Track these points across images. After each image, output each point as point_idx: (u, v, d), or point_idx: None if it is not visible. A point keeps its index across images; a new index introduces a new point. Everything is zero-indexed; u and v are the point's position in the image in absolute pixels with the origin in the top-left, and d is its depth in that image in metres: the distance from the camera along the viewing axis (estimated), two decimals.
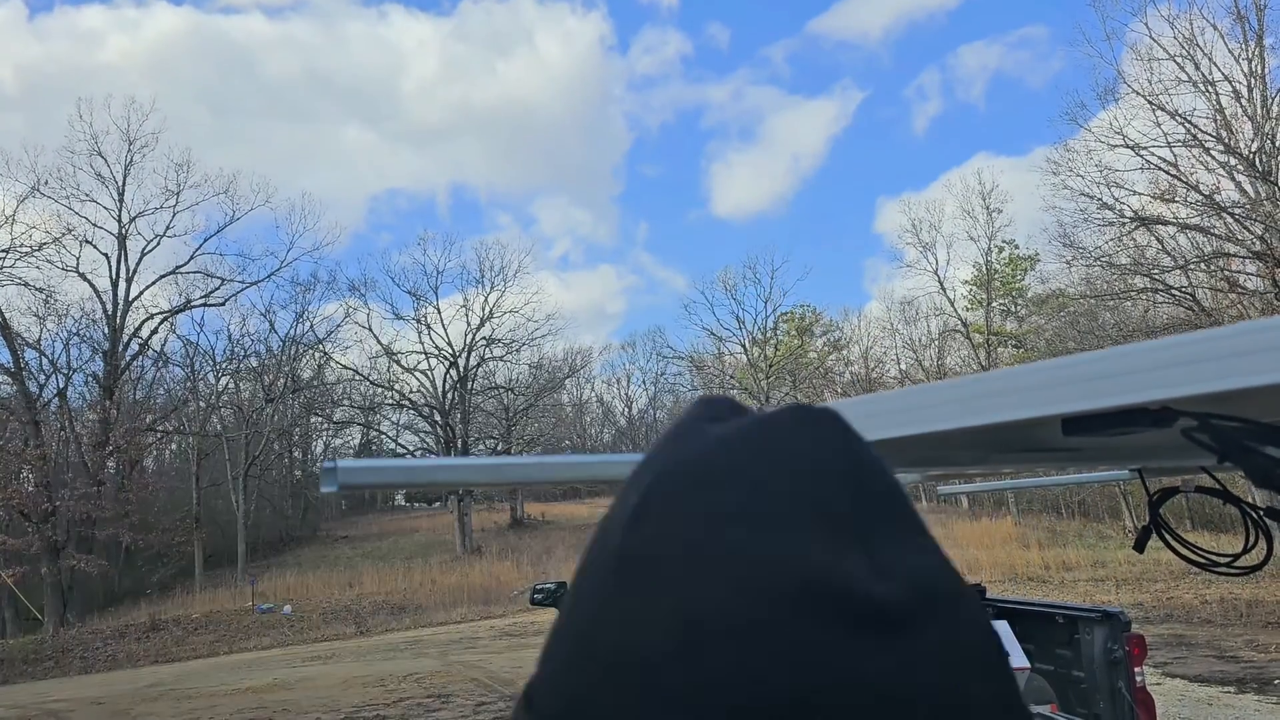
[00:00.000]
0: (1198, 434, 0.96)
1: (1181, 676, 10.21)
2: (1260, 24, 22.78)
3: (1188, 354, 0.78)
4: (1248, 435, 0.89)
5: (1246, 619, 14.06)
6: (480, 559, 32.56)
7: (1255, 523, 1.67)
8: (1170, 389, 0.80)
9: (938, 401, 1.01)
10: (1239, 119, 22.86)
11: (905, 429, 1.04)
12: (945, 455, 1.24)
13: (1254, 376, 0.75)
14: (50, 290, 32.78)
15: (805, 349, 52.77)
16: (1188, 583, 17.87)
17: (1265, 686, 9.47)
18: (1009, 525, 31.76)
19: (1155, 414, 0.99)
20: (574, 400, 61.98)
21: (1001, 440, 1.18)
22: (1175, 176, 23.55)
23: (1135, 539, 1.84)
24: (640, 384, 64.40)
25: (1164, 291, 23.47)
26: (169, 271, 36.85)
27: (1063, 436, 1.12)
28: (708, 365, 53.53)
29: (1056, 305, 33.78)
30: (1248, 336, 0.77)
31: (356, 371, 43.12)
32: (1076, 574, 21.53)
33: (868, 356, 52.61)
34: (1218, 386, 0.78)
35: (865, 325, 54.62)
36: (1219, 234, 22.68)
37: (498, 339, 42.77)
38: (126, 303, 35.32)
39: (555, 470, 1.30)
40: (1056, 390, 0.88)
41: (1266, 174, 21.43)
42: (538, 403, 46.85)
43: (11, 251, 30.59)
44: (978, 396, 0.97)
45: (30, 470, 30.00)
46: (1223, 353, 0.77)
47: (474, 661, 14.84)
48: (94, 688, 15.46)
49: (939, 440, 1.11)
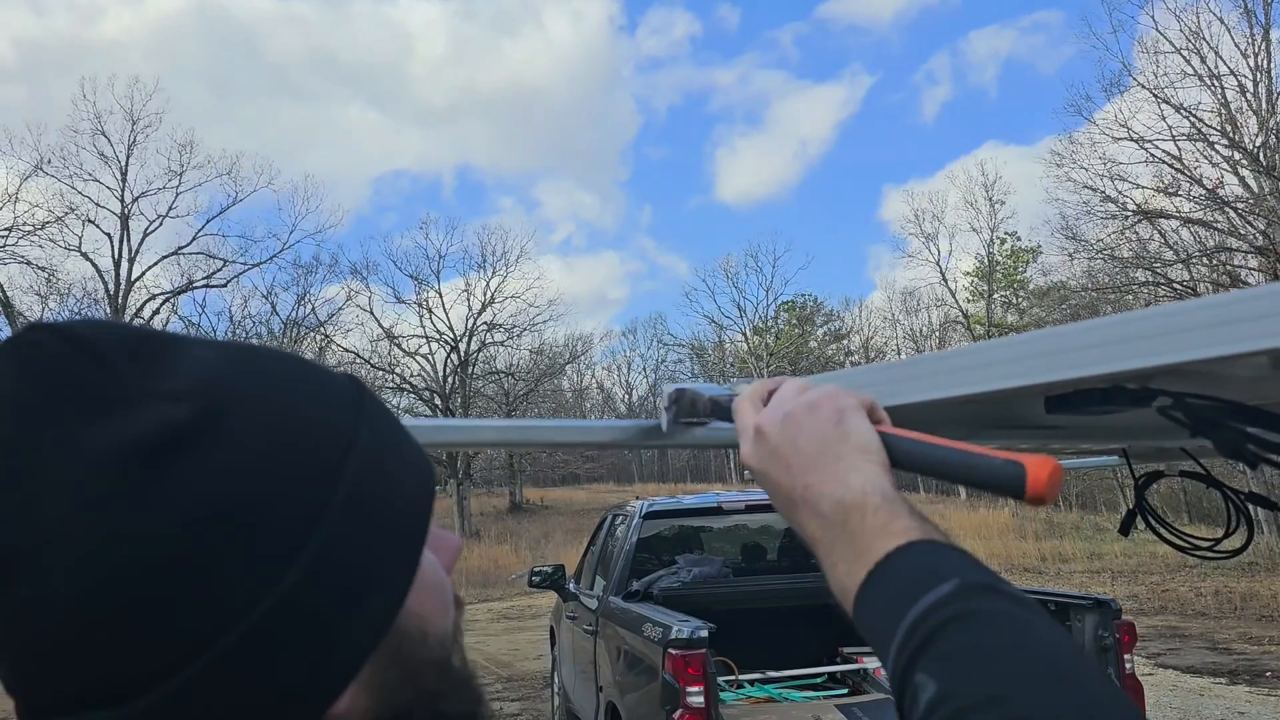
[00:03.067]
0: (1172, 411, 0.99)
1: (1174, 667, 10.26)
2: (1267, 18, 22.69)
3: (1158, 326, 0.80)
4: (1217, 412, 0.92)
5: (1240, 612, 14.12)
6: (479, 543, 32.64)
7: (1237, 507, 1.69)
8: (1144, 359, 0.83)
9: (921, 374, 1.04)
10: (1244, 113, 22.80)
11: (890, 399, 1.07)
12: (929, 431, 1.26)
13: (1223, 346, 0.77)
14: (52, 269, 32.81)
15: (806, 338, 52.76)
16: (1183, 575, 17.93)
17: (1257, 678, 9.53)
18: (1006, 516, 31.80)
19: (1134, 393, 1.02)
20: (574, 386, 62.09)
21: (986, 415, 1.21)
22: (1179, 170, 23.50)
23: (1120, 522, 1.87)
24: (640, 371, 64.55)
25: (1166, 285, 23.45)
26: (171, 252, 36.82)
27: (1046, 415, 1.15)
28: (708, 353, 53.55)
29: (1058, 298, 33.77)
30: (1217, 309, 0.80)
31: (357, 355, 43.08)
32: (1073, 565, 21.59)
33: (868, 346, 52.62)
34: (1189, 356, 0.80)
35: (866, 315, 54.67)
36: (1221, 228, 22.66)
37: (499, 324, 42.81)
38: (129, 283, 35.31)
39: (548, 434, 1.33)
40: (1035, 362, 0.91)
41: (1270, 169, 21.37)
42: (538, 388, 46.91)
43: (14, 230, 30.59)
44: (960, 369, 0.99)
45: None
46: (1193, 324, 0.80)
47: (472, 644, 14.84)
48: None
49: (923, 414, 1.14)
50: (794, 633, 5.77)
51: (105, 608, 0.42)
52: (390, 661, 0.49)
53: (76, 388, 0.44)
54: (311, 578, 0.45)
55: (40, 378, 0.44)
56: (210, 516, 0.43)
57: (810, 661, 5.67)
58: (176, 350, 0.48)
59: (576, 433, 1.28)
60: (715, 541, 7.22)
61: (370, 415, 0.51)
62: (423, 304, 42.00)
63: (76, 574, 0.41)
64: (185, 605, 0.42)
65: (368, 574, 0.48)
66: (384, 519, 0.49)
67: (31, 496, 0.42)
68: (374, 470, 0.49)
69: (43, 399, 0.44)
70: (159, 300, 36.70)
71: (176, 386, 0.45)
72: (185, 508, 0.43)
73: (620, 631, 5.33)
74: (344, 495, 0.47)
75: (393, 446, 0.52)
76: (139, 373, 0.45)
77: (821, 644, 5.75)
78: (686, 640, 4.23)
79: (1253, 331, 0.75)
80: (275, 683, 0.45)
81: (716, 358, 53.66)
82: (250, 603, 0.43)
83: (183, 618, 0.42)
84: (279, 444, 0.46)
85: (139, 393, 0.44)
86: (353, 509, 0.47)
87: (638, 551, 6.28)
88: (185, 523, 0.42)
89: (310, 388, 0.50)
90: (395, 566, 0.50)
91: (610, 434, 1.27)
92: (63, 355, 0.45)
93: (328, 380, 0.52)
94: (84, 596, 0.42)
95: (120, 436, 0.43)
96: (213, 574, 0.43)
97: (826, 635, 5.71)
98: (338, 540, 0.46)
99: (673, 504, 7.06)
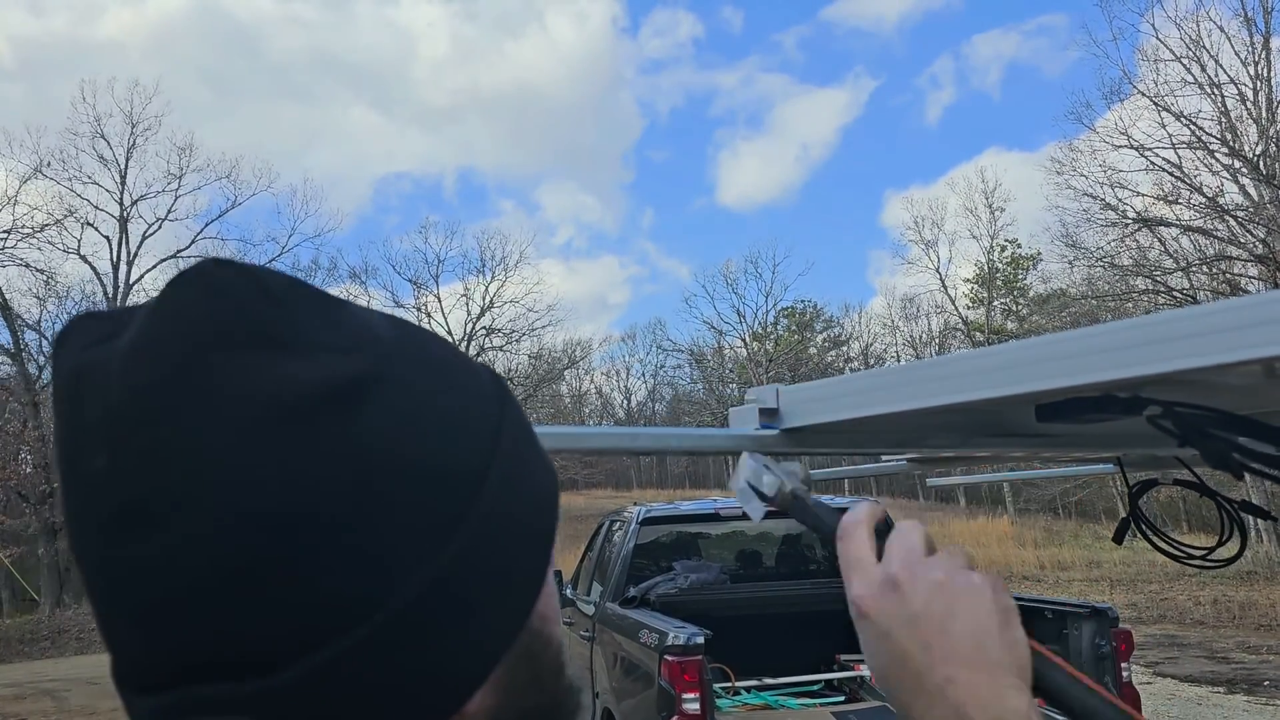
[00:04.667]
0: (1161, 420, 0.99)
1: (1173, 676, 10.25)
2: (1267, 27, 22.72)
3: (1148, 335, 0.80)
4: (1206, 421, 0.92)
5: (1239, 621, 14.10)
6: None
7: (1231, 516, 1.69)
8: (1133, 368, 0.83)
9: (913, 381, 1.04)
10: (1244, 122, 22.82)
11: (886, 407, 1.07)
12: (925, 437, 1.26)
13: (1211, 356, 0.77)
14: (51, 272, 32.73)
15: (805, 344, 52.77)
16: (1182, 584, 17.91)
17: (1255, 687, 9.51)
18: (1005, 524, 31.80)
19: (1125, 401, 1.02)
20: (573, 391, 62.05)
21: (978, 422, 1.21)
22: (1179, 178, 23.51)
23: (1114, 530, 1.87)
24: (639, 376, 64.47)
25: (1165, 293, 23.45)
26: (170, 255, 36.74)
27: (1037, 423, 1.15)
28: (707, 358, 53.55)
29: (1058, 305, 33.76)
30: (1206, 319, 0.80)
31: None
32: (1071, 574, 21.58)
33: (868, 353, 52.62)
34: (1178, 365, 0.80)
35: (866, 322, 54.67)
36: (1221, 237, 22.66)
37: (498, 328, 42.82)
38: (128, 286, 35.28)
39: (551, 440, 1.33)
40: (1025, 370, 0.91)
41: (1270, 177, 21.40)
42: (536, 393, 46.86)
43: (13, 232, 30.58)
44: (951, 376, 0.99)
45: (29, 451, 30.02)
46: (1182, 333, 0.80)
47: None
48: (89, 668, 15.51)
49: (916, 420, 1.14)
50: (791, 639, 5.76)
51: (260, 557, 0.39)
52: (521, 661, 0.47)
53: (255, 326, 0.42)
54: (468, 554, 0.43)
55: (220, 310, 0.42)
56: (377, 474, 0.41)
57: (807, 668, 5.66)
58: (339, 305, 0.47)
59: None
60: (713, 548, 7.20)
61: (511, 405, 0.51)
62: (421, 308, 42.05)
63: (233, 516, 0.39)
64: (347, 564, 0.40)
65: (515, 560, 0.46)
66: (527, 509, 0.48)
67: (193, 428, 0.40)
68: (518, 459, 0.48)
69: (219, 331, 0.42)
70: None
71: (342, 340, 0.44)
72: (354, 460, 0.41)
73: (617, 637, 5.32)
74: (497, 476, 0.46)
75: (529, 441, 0.51)
76: (310, 320, 0.44)
77: (818, 651, 5.75)
78: (683, 646, 4.22)
79: (1241, 341, 0.75)
80: (424, 664, 0.42)
81: (715, 363, 53.63)
82: (410, 570, 0.41)
83: (343, 578, 0.40)
84: (440, 411, 0.45)
85: (309, 341, 0.43)
86: (505, 492, 0.46)
87: (635, 557, 6.26)
88: (355, 475, 0.41)
89: (461, 369, 0.49)
90: (536, 558, 0.48)
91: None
92: (245, 291, 0.43)
93: (474, 366, 0.51)
94: (239, 543, 0.39)
95: (294, 380, 0.41)
96: (377, 534, 0.41)
97: (824, 642, 5.70)
98: (492, 520, 0.45)
99: (670, 510, 7.04)
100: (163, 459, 0.40)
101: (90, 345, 0.43)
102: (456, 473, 0.44)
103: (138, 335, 0.42)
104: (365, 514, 0.40)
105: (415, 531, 0.42)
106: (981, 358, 0.98)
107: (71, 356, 0.44)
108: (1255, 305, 0.76)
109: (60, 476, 0.43)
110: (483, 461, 0.46)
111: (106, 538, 0.41)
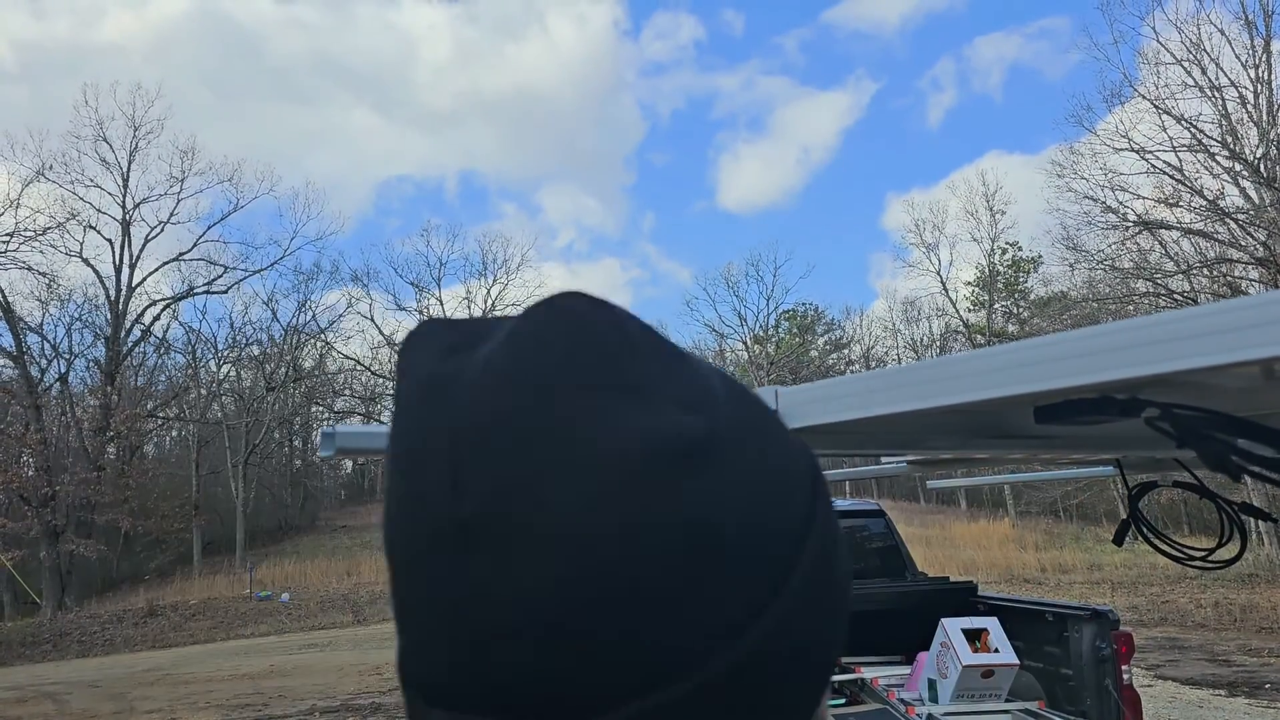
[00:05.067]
0: (1159, 421, 0.99)
1: (1173, 679, 10.24)
2: (1268, 30, 22.75)
3: (1146, 336, 0.81)
4: (1204, 423, 0.92)
5: (1240, 623, 14.09)
6: None
7: (1230, 518, 1.70)
8: (1132, 369, 0.83)
9: (910, 382, 1.04)
10: (1245, 125, 22.84)
11: (885, 408, 1.07)
12: (924, 439, 1.27)
13: (1210, 356, 0.77)
14: (53, 275, 32.86)
15: (806, 347, 52.77)
16: (1183, 587, 17.90)
17: (1256, 690, 9.51)
18: (1006, 527, 31.79)
19: (1123, 403, 1.02)
20: None
21: (977, 424, 1.21)
22: (1180, 181, 23.54)
23: (1114, 532, 1.87)
24: None
25: (1166, 296, 23.45)
26: (172, 258, 36.92)
27: (1036, 425, 1.15)
28: (708, 361, 53.52)
29: (1059, 308, 33.76)
30: (1205, 319, 0.80)
31: (358, 361, 43.21)
32: (1073, 576, 21.56)
33: (869, 356, 52.63)
34: (1177, 366, 0.80)
35: (867, 325, 54.69)
36: (1222, 239, 22.68)
37: None
38: (129, 288, 35.36)
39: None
40: (1023, 371, 0.91)
41: (1271, 180, 21.40)
42: None
43: (16, 235, 30.63)
44: (949, 378, 0.99)
45: (31, 454, 30.06)
46: (1181, 334, 0.80)
47: None
48: (91, 671, 15.52)
49: (917, 421, 1.14)
50: None
51: (590, 602, 0.38)
52: None
53: (613, 370, 0.42)
54: (784, 625, 0.42)
55: (583, 349, 0.42)
56: (709, 539, 0.40)
57: None
58: (681, 356, 0.47)
59: None
60: None
61: (824, 490, 0.49)
62: (423, 311, 42.04)
63: (568, 562, 0.38)
64: (670, 625, 0.39)
65: (817, 640, 0.45)
66: (831, 592, 0.46)
67: (545, 462, 0.40)
68: (828, 541, 0.47)
69: (580, 370, 0.42)
70: (160, 306, 36.79)
71: (685, 394, 0.44)
72: (691, 517, 0.40)
73: None
74: (811, 555, 0.45)
75: (836, 524, 0.50)
76: (659, 371, 0.44)
77: None
78: None
79: (1239, 342, 0.75)
80: None
81: (716, 367, 53.61)
82: (732, 633, 0.40)
83: (666, 635, 0.39)
84: (766, 483, 0.44)
85: (656, 392, 0.43)
86: (816, 572, 0.45)
87: None
88: (687, 537, 0.40)
89: (786, 444, 0.49)
90: (834, 640, 0.47)
91: None
92: (609, 334, 0.43)
93: (796, 442, 0.50)
94: (568, 593, 0.38)
95: (644, 430, 0.41)
96: (701, 599, 0.40)
97: None
98: (806, 596, 0.44)
99: None
100: (510, 488, 0.40)
101: (444, 354, 0.44)
102: (780, 539, 0.43)
103: (499, 358, 0.43)
104: (693, 578, 0.40)
105: (738, 590, 0.41)
106: (980, 358, 0.98)
107: (426, 364, 0.44)
108: (1253, 306, 0.76)
109: (388, 475, 0.43)
110: (800, 534, 0.45)
111: (436, 550, 0.41)
